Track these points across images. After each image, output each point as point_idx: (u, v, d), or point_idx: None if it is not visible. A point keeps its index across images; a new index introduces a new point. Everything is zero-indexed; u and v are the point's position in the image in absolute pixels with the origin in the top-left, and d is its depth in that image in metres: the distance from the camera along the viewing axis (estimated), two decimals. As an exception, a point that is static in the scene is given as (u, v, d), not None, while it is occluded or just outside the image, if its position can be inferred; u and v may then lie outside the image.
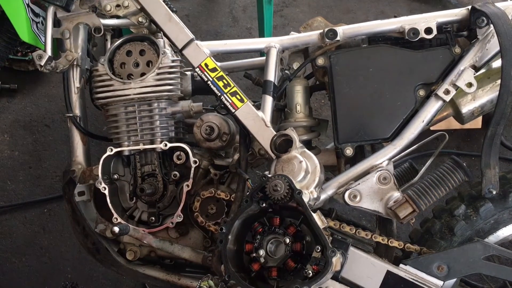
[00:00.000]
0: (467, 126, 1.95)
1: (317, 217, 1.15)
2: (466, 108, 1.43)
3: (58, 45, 1.52)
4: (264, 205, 1.19)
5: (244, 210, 1.19)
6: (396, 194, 1.23)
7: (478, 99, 1.42)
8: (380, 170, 1.25)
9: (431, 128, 2.25)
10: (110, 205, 1.40)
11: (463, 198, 1.40)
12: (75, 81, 1.52)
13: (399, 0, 3.08)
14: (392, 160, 1.31)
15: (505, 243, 1.42)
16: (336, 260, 1.11)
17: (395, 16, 2.75)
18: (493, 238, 1.38)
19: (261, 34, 2.54)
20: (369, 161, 1.28)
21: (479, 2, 3.02)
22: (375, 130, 1.30)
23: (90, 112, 1.65)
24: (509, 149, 2.30)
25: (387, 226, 1.39)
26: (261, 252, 1.17)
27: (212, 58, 1.37)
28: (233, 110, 1.32)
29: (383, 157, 1.27)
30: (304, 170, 1.19)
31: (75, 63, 1.51)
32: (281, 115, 1.50)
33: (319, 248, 1.12)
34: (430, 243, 1.38)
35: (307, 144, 1.43)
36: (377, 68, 1.31)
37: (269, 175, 1.17)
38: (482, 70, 1.47)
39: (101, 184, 1.41)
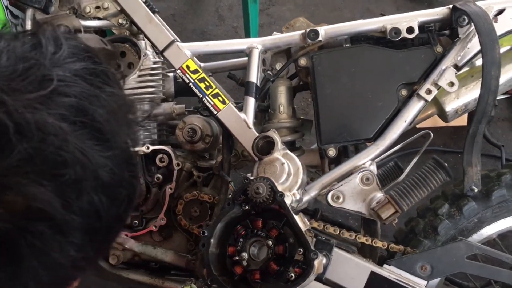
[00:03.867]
0: (453, 123, 1.96)
1: (299, 219, 1.15)
2: (450, 106, 1.43)
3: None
4: (246, 207, 1.18)
5: (226, 213, 1.18)
6: (379, 195, 1.23)
7: (461, 97, 1.42)
8: (363, 171, 1.24)
9: (417, 126, 2.26)
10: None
11: (447, 197, 1.41)
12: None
13: (386, -3, 3.08)
14: (376, 160, 1.31)
15: (489, 242, 1.43)
16: (318, 262, 1.10)
17: (381, 14, 2.77)
18: (477, 237, 1.39)
19: (247, 33, 2.53)
20: (352, 162, 1.27)
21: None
22: (358, 130, 1.30)
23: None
24: (495, 146, 2.31)
25: (371, 227, 1.39)
26: (244, 255, 1.16)
27: (193, 59, 1.36)
28: (215, 112, 1.31)
29: (366, 158, 1.26)
30: (286, 172, 1.18)
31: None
32: (265, 116, 1.49)
33: (301, 250, 1.11)
34: (414, 242, 1.38)
35: (291, 144, 1.42)
36: (359, 68, 1.31)
37: (251, 178, 1.16)
38: (466, 69, 1.47)
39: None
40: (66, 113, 0.50)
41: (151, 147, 1.38)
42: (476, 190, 1.28)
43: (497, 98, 2.45)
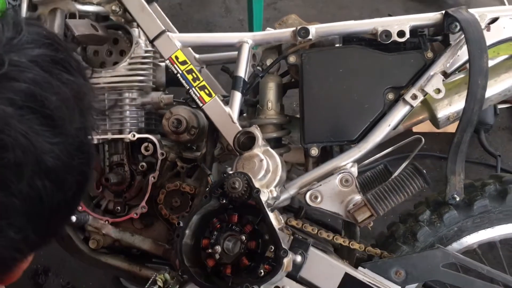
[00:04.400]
0: (451, 129, 1.95)
1: (273, 217, 1.15)
2: (442, 113, 1.42)
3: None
4: (224, 201, 1.19)
5: (203, 206, 1.19)
6: (357, 197, 1.22)
7: (454, 104, 1.41)
8: (343, 172, 1.24)
9: (414, 130, 2.25)
10: (75, 192, 1.40)
11: (429, 204, 1.40)
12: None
13: (395, -2, 3.05)
14: (359, 161, 1.30)
15: (469, 251, 1.42)
16: (288, 261, 1.10)
17: (389, 15, 2.74)
18: (457, 246, 1.38)
19: (250, 27, 2.53)
20: (334, 163, 1.27)
21: (475, 4, 2.99)
22: (342, 131, 1.29)
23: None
24: (491, 155, 2.29)
25: (351, 228, 1.39)
26: (217, 248, 1.17)
27: (183, 50, 1.36)
28: (201, 104, 1.31)
29: (347, 159, 1.26)
30: (264, 169, 1.18)
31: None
32: (255, 111, 1.50)
33: (273, 247, 1.11)
34: (392, 247, 1.37)
35: (277, 141, 1.42)
36: (347, 69, 1.30)
37: (230, 172, 1.16)
38: (461, 76, 1.46)
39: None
40: (15, 98, 0.51)
41: (137, 135, 1.39)
42: (458, 199, 1.27)
43: (499, 107, 2.44)
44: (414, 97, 1.25)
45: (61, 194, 0.56)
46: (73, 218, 1.26)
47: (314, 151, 1.29)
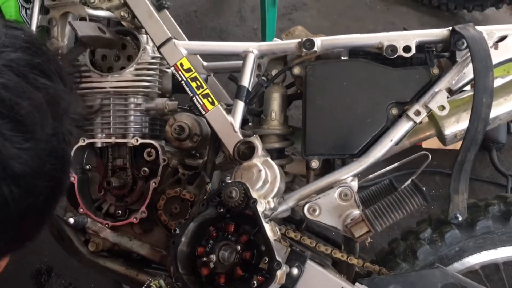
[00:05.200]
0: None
1: (269, 228, 1.15)
2: (449, 130, 1.40)
3: (47, 33, 1.55)
4: (221, 210, 1.19)
5: (200, 214, 1.19)
6: (355, 212, 1.21)
7: (462, 121, 1.39)
8: (342, 186, 1.23)
9: (423, 146, 2.23)
10: (77, 194, 1.42)
11: (431, 222, 1.38)
12: (59, 70, 1.55)
13: (411, 12, 3.04)
14: (362, 176, 1.30)
15: (471, 272, 1.39)
16: (281, 273, 1.10)
17: (404, 29, 2.73)
18: (458, 266, 1.36)
19: (263, 36, 2.54)
20: (334, 176, 1.26)
21: (492, 21, 2.96)
22: (343, 145, 1.28)
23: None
24: (502, 174, 2.25)
25: (350, 243, 1.38)
26: (212, 257, 1.16)
27: (191, 58, 1.37)
28: (204, 112, 1.32)
29: (348, 173, 1.25)
30: (262, 179, 1.18)
31: (60, 51, 1.53)
32: (260, 121, 1.50)
33: (267, 259, 1.11)
34: (392, 264, 1.36)
35: (279, 152, 1.42)
36: (352, 82, 1.30)
37: (228, 181, 1.16)
38: (470, 93, 1.44)
39: (71, 173, 1.42)
40: None
41: (140, 140, 1.40)
42: (460, 218, 1.26)
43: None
44: (418, 113, 1.23)
45: (31, 199, 0.55)
46: (71, 220, 1.27)
47: (315, 164, 1.29)
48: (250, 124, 1.57)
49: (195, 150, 1.51)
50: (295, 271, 1.20)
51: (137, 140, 1.40)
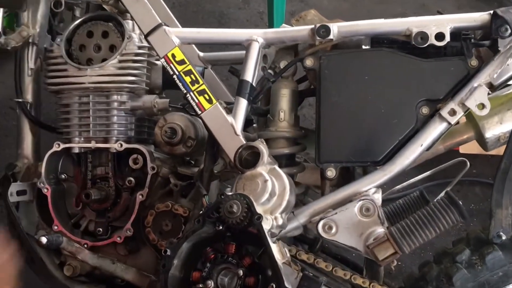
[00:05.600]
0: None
1: (276, 249, 1.15)
2: (491, 132, 1.40)
3: (16, 19, 1.57)
4: (220, 228, 1.19)
5: (195, 232, 1.19)
6: (379, 230, 1.21)
7: (506, 122, 1.40)
8: (364, 199, 1.23)
9: (460, 151, 2.23)
10: (51, 209, 1.43)
11: (469, 242, 1.38)
12: (30, 62, 1.57)
13: (446, -7, 3.04)
14: (386, 186, 1.30)
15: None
16: (291, 303, 1.10)
17: (438, 12, 2.73)
18: (502, 294, 1.35)
19: (270, 21, 2.54)
20: (353, 187, 1.27)
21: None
22: (365, 150, 1.29)
23: (47, 100, 1.68)
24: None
25: (373, 266, 1.38)
26: (209, 283, 1.16)
27: (184, 48, 1.38)
28: (199, 112, 1.33)
29: (369, 184, 1.26)
30: (268, 191, 1.18)
31: (30, 40, 1.55)
32: (265, 122, 1.50)
33: (274, 286, 1.11)
34: (423, 292, 1.35)
35: (289, 159, 1.42)
36: (374, 75, 1.30)
37: (229, 193, 1.17)
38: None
39: (43, 184, 1.43)
40: None
41: (125, 145, 1.41)
42: (504, 237, 1.26)
43: None
44: (453, 112, 1.23)
45: None
46: (44, 240, 1.28)
47: (331, 173, 1.29)
48: (254, 125, 1.57)
49: (189, 156, 1.52)
50: (305, 300, 1.21)
51: (121, 145, 1.41)
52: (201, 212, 1.22)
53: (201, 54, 1.67)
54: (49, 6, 1.59)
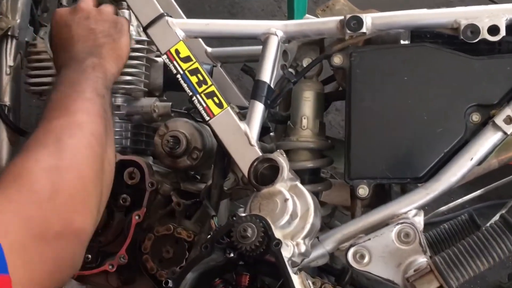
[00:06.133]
0: None
1: (298, 281, 1.15)
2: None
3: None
4: (231, 255, 1.20)
5: (202, 260, 1.20)
6: (421, 260, 1.21)
7: None
8: (402, 223, 1.23)
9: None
10: (32, 231, 1.44)
11: (528, 275, 1.38)
12: (8, 58, 1.59)
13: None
14: (443, 209, 1.30)
15: None
16: None
17: (491, 1, 2.73)
18: None
19: (290, 12, 2.56)
20: (389, 209, 1.26)
21: None
22: (404, 164, 1.29)
23: (27, 102, 1.70)
24: None
25: (414, 303, 1.38)
26: (218, 323, 1.17)
27: (190, 42, 1.40)
28: (208, 118, 1.34)
29: (409, 205, 1.25)
30: (289, 213, 1.18)
31: (9, 33, 1.58)
32: (285, 130, 1.51)
33: (296, 325, 1.11)
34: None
35: (314, 174, 1.43)
36: (415, 76, 1.30)
37: (242, 215, 1.17)
38: None
39: (23, 201, 1.45)
40: None
41: (119, 156, 1.42)
42: None
43: None
44: (509, 120, 1.23)
45: None
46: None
47: (363, 191, 1.29)
48: (271, 134, 1.58)
49: (194, 170, 1.53)
50: None
51: (115, 156, 1.42)
52: (208, 236, 1.23)
53: (209, 49, 1.69)
54: (31, -6, 1.62)
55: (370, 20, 1.33)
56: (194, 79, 1.35)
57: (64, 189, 0.99)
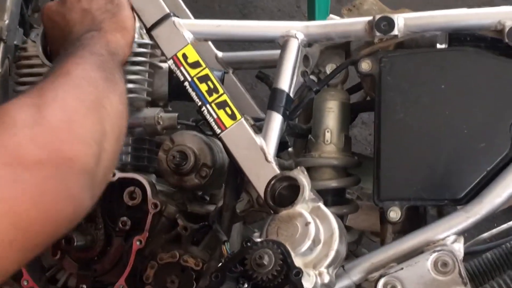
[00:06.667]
0: None
1: (322, 316, 1.15)
2: None
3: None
4: (245, 286, 1.20)
5: (212, 291, 1.21)
6: (461, 292, 1.21)
7: None
8: (440, 251, 1.23)
9: None
10: (20, 260, 1.45)
11: None
12: (-5, 63, 1.61)
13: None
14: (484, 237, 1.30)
15: None
16: None
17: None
18: None
19: (311, 12, 2.57)
20: (425, 234, 1.27)
21: None
22: (440, 184, 1.29)
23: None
24: None
25: None
26: None
27: (199, 46, 1.41)
28: (219, 131, 1.35)
29: (447, 230, 1.25)
30: (311, 238, 1.19)
31: (-4, 35, 1.59)
32: (305, 144, 1.52)
33: None
34: None
35: (338, 195, 1.43)
36: (453, 84, 1.31)
37: (257, 240, 1.18)
38: None
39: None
40: None
41: (118, 174, 1.44)
42: None
43: None
44: (561, 135, 1.24)
45: None
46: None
47: (394, 214, 1.29)
48: (289, 149, 1.59)
49: (203, 190, 1.54)
50: None
51: (114, 174, 1.43)
52: (219, 264, 1.24)
53: (220, 54, 1.70)
54: (23, -6, 1.64)
55: (403, 21, 1.34)
56: (203, 87, 1.36)
57: (43, 119, 0.98)
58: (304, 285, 1.14)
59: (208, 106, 1.36)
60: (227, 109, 1.35)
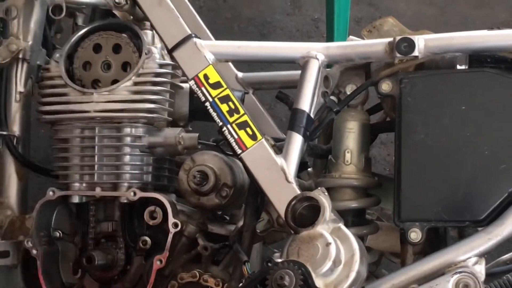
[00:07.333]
0: None
1: (342, 338, 1.15)
2: None
3: (3, 28, 1.64)
4: (266, 306, 1.20)
5: (233, 312, 1.21)
6: (483, 317, 1.21)
7: None
8: (461, 273, 1.23)
9: None
10: (41, 277, 1.46)
11: None
12: (18, 83, 1.63)
13: None
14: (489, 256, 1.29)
15: None
16: None
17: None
18: None
19: (329, 32, 2.58)
20: (446, 256, 1.26)
21: None
22: (462, 206, 1.28)
23: (37, 132, 1.72)
24: None
25: None
26: None
27: (220, 66, 1.42)
28: (239, 151, 1.35)
29: (469, 252, 1.25)
30: (332, 259, 1.19)
31: (20, 56, 1.61)
32: (325, 165, 1.52)
33: None
34: None
35: (358, 215, 1.43)
36: (474, 105, 1.31)
37: (278, 260, 1.18)
38: None
39: (31, 243, 1.47)
40: None
41: (139, 194, 1.44)
42: None
43: None
44: None
45: None
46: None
47: (415, 235, 1.29)
48: (309, 170, 1.59)
49: (223, 210, 1.54)
50: None
51: (135, 193, 1.44)
52: (240, 284, 1.24)
53: (240, 74, 1.71)
54: (46, 12, 1.65)
55: (423, 42, 1.34)
56: (224, 108, 1.37)
57: None
58: (325, 306, 1.14)
59: (229, 126, 1.37)
60: (248, 129, 1.36)
